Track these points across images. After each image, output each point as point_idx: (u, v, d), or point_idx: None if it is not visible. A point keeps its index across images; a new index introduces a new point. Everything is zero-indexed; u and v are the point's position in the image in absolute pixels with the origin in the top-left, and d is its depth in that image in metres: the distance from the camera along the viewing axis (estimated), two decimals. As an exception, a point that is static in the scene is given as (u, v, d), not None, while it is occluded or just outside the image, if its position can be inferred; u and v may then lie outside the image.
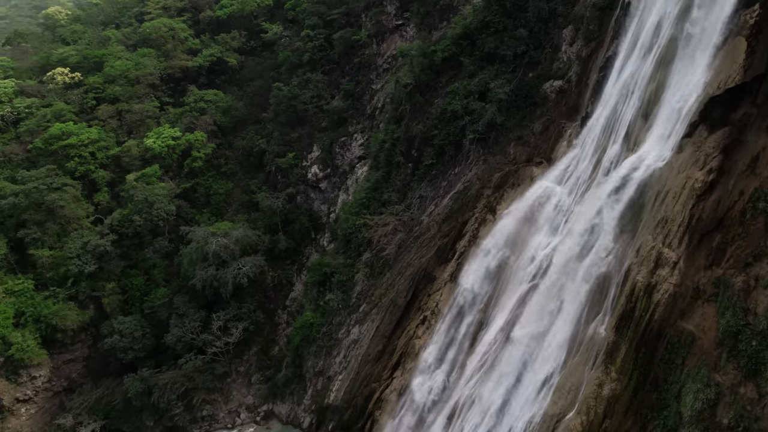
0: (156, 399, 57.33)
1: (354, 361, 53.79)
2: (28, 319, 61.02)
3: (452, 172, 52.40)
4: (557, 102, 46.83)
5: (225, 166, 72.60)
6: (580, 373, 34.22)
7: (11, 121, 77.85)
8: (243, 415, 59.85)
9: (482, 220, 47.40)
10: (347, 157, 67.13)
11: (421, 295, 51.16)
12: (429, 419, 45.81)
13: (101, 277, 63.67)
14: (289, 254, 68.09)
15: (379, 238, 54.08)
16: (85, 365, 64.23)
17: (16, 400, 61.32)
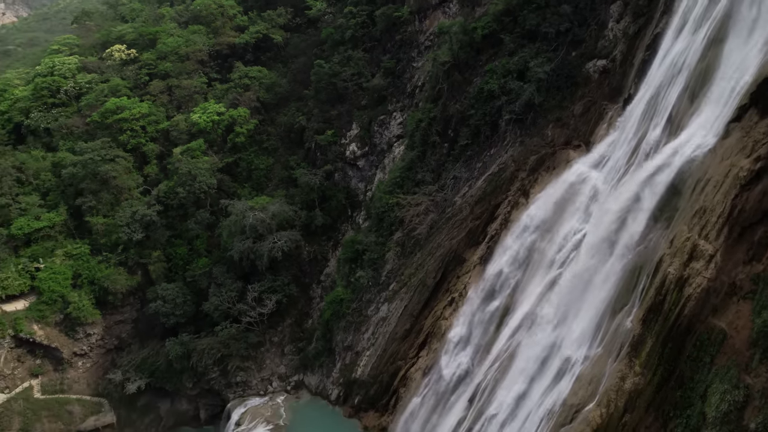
0: (194, 363, 60.41)
1: (382, 338, 54.51)
2: (83, 281, 65.47)
3: (488, 154, 51.28)
4: (600, 82, 44.63)
5: (267, 141, 73.97)
6: (603, 365, 33.31)
7: (74, 95, 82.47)
8: (275, 383, 62.13)
9: (515, 204, 46.35)
10: (385, 136, 66.83)
11: (450, 277, 50.97)
12: (451, 400, 46.03)
13: (148, 245, 67.16)
14: (325, 230, 69.06)
15: (411, 217, 53.94)
16: (134, 326, 68.43)
17: (74, 354, 66.37)
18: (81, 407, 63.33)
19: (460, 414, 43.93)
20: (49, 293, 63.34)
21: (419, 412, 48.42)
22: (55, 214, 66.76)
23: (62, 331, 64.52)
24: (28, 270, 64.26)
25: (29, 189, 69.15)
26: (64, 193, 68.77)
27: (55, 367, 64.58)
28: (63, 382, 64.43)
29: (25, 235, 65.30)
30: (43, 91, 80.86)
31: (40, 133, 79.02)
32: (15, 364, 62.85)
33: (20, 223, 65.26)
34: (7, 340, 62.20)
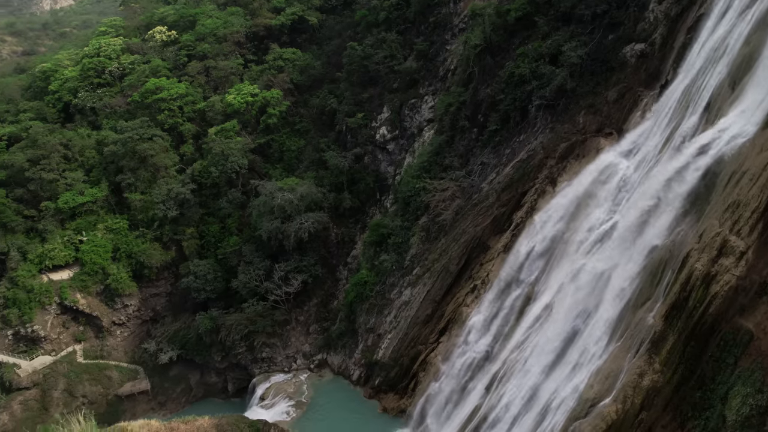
0: (223, 337, 62.46)
1: (403, 322, 54.78)
2: (122, 255, 68.48)
3: (517, 140, 50.13)
4: (636, 67, 42.66)
5: (299, 123, 74.66)
6: (621, 360, 32.39)
7: (117, 76, 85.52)
8: (299, 361, 63.57)
9: (542, 192, 45.26)
10: (416, 120, 66.28)
11: (473, 264, 50.54)
12: (469, 386, 45.95)
13: (182, 222, 69.39)
14: (354, 213, 69.56)
15: (437, 202, 53.58)
16: (168, 300, 71.24)
17: (113, 323, 69.87)
18: (119, 373, 66.79)
19: (476, 401, 43.88)
20: (91, 265, 66.64)
21: (437, 397, 48.61)
22: (97, 190, 69.80)
23: (102, 300, 67.93)
24: (72, 242, 67.72)
25: (75, 165, 72.43)
26: (105, 170, 71.75)
27: (96, 334, 68.22)
28: (103, 348, 68.03)
29: (70, 209, 68.62)
30: (89, 71, 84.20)
31: (86, 112, 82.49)
32: (60, 330, 66.78)
33: (66, 197, 68.57)
34: (53, 307, 66.08)
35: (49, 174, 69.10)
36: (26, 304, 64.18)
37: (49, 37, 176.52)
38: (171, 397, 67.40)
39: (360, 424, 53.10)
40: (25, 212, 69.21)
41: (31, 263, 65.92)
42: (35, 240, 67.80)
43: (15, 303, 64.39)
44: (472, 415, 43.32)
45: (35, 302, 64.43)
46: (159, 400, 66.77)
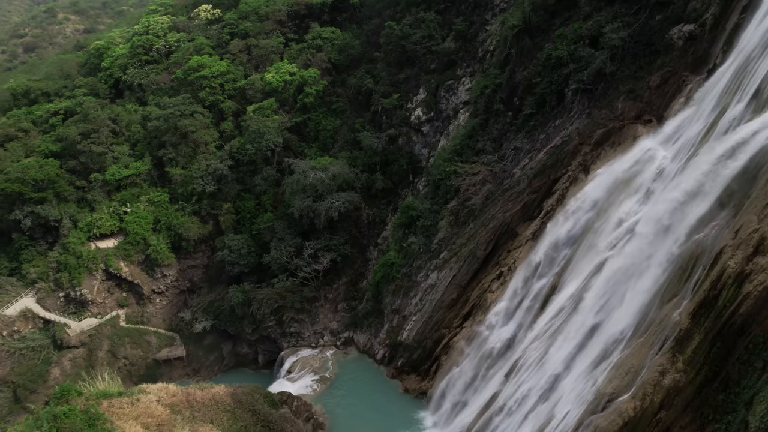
0: (254, 310, 64.40)
1: (428, 305, 54.79)
2: (162, 227, 71.47)
3: (552, 125, 48.49)
4: (683, 51, 40.15)
5: (336, 103, 74.84)
6: (643, 356, 31.38)
7: (164, 53, 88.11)
8: (326, 337, 64.88)
9: (574, 179, 43.80)
10: (452, 102, 65.11)
11: (500, 250, 49.78)
12: (489, 373, 45.72)
13: (220, 197, 71.50)
14: (386, 194, 69.57)
15: (468, 187, 52.80)
16: (204, 272, 74.00)
17: (153, 292, 73.43)
18: (157, 339, 70.35)
19: (495, 388, 43.64)
20: (134, 235, 69.94)
21: (458, 381, 48.64)
22: (141, 164, 72.76)
23: (143, 269, 71.35)
24: (117, 213, 71.18)
25: (122, 139, 75.64)
26: (149, 145, 74.54)
27: (137, 301, 71.92)
28: (143, 315, 71.71)
29: (116, 181, 71.97)
30: (138, 49, 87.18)
31: (134, 88, 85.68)
32: (105, 295, 70.78)
33: (112, 170, 71.90)
34: (99, 273, 70.01)
35: (98, 147, 72.47)
36: (76, 269, 68.29)
37: (108, 15, 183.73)
38: (204, 365, 70.50)
39: (381, 402, 53.87)
40: (76, 183, 73.13)
41: (81, 231, 69.84)
42: (85, 209, 71.69)
43: (66, 267, 68.63)
44: (490, 401, 43.17)
45: (83, 268, 68.43)
46: (193, 366, 70.01)
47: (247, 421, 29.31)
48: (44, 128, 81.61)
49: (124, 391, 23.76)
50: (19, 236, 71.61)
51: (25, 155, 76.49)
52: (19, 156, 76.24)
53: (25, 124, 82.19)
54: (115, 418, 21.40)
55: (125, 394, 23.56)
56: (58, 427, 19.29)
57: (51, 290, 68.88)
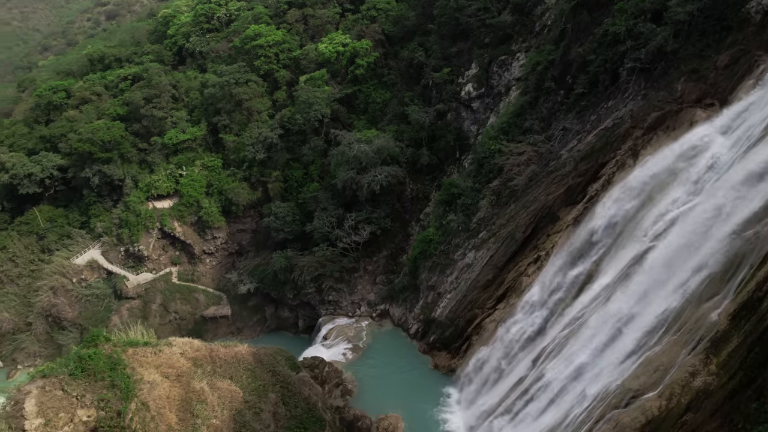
0: (296, 276, 66.48)
1: (463, 284, 54.39)
2: (214, 191, 74.65)
3: (604, 106, 45.86)
4: (761, 27, 36.44)
5: (387, 76, 74.25)
6: (674, 355, 29.93)
7: (225, 21, 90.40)
8: (363, 308, 66.07)
9: (622, 164, 41.45)
10: (504, 78, 62.82)
11: (540, 234, 48.33)
12: (518, 357, 45.12)
13: (269, 165, 73.53)
14: (431, 170, 68.88)
15: (511, 166, 51.34)
16: (252, 236, 76.93)
17: (203, 252, 77.37)
18: (205, 297, 74.38)
19: (522, 372, 43.12)
20: (188, 197, 73.55)
21: (486, 362, 48.39)
22: (197, 129, 75.81)
23: (195, 230, 75.12)
24: (174, 175, 74.96)
25: (180, 105, 78.96)
26: (205, 111, 77.39)
27: (189, 260, 76.06)
28: (194, 273, 75.84)
29: (173, 145, 75.54)
30: (201, 17, 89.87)
31: (196, 55, 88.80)
32: (160, 252, 75.35)
33: (171, 134, 75.44)
34: (155, 232, 74.48)
35: (159, 112, 76.11)
36: (135, 226, 72.98)
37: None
38: (248, 325, 73.95)
39: (410, 376, 54.57)
40: (139, 145, 77.45)
41: (141, 191, 74.28)
42: (145, 170, 76.02)
43: (127, 224, 73.48)
44: (516, 386, 42.80)
45: (141, 225, 73.02)
46: (237, 325, 73.64)
47: (266, 380, 30.67)
48: (114, 92, 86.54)
49: (149, 342, 25.46)
50: (89, 193, 77.20)
51: (97, 117, 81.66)
52: (92, 118, 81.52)
53: (99, 88, 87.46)
54: (137, 365, 23.04)
55: (151, 345, 25.25)
56: (83, 368, 21.07)
57: (113, 244, 74.15)
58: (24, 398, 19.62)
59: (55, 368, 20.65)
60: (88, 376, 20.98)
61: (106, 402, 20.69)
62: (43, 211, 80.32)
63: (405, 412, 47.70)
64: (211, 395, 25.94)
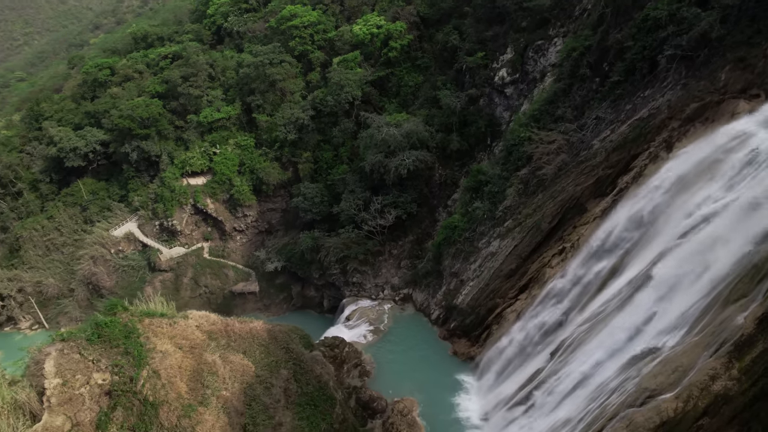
0: (322, 257, 67.36)
1: (486, 273, 53.88)
2: (246, 169, 76.03)
3: (641, 95, 43.94)
4: (815, 14, 34.03)
5: (420, 59, 73.29)
6: (695, 356, 28.90)
7: (262, 1, 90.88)
8: (386, 291, 66.42)
9: (654, 157, 39.84)
10: (540, 64, 60.97)
11: (566, 225, 47.24)
12: (536, 349, 44.59)
13: (300, 146, 74.19)
14: (461, 156, 68.00)
15: (541, 155, 50.10)
16: (282, 216, 78.21)
17: (234, 229, 79.24)
18: (234, 273, 76.38)
19: (540, 364, 42.62)
20: (221, 175, 75.22)
21: (505, 351, 48.04)
22: (231, 108, 77.07)
23: (227, 208, 76.92)
24: (208, 153, 76.69)
25: (216, 84, 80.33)
26: (240, 91, 78.49)
27: (220, 236, 78.08)
28: (224, 249, 77.90)
29: (208, 123, 77.14)
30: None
31: (233, 35, 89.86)
32: (193, 228, 77.63)
33: (206, 112, 77.00)
34: (188, 207, 76.70)
35: (195, 90, 77.71)
36: (169, 201, 75.34)
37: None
38: (275, 302, 75.67)
39: (429, 361, 54.75)
40: (176, 122, 79.47)
41: (176, 167, 76.44)
42: (181, 147, 78.08)
43: (162, 199, 75.93)
44: (532, 377, 42.34)
45: (176, 201, 75.29)
46: (264, 302, 75.44)
47: (279, 357, 31.40)
48: (155, 70, 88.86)
49: (166, 313, 26.41)
50: (128, 168, 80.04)
51: (138, 95, 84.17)
52: (133, 95, 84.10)
53: (141, 66, 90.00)
54: (151, 335, 23.98)
55: (167, 316, 26.20)
56: (99, 334, 22.10)
57: (149, 218, 76.86)
58: (44, 359, 20.78)
59: (73, 333, 21.76)
60: (104, 342, 22.02)
61: (119, 368, 21.68)
62: (86, 183, 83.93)
63: (421, 396, 48.05)
64: (222, 368, 26.80)
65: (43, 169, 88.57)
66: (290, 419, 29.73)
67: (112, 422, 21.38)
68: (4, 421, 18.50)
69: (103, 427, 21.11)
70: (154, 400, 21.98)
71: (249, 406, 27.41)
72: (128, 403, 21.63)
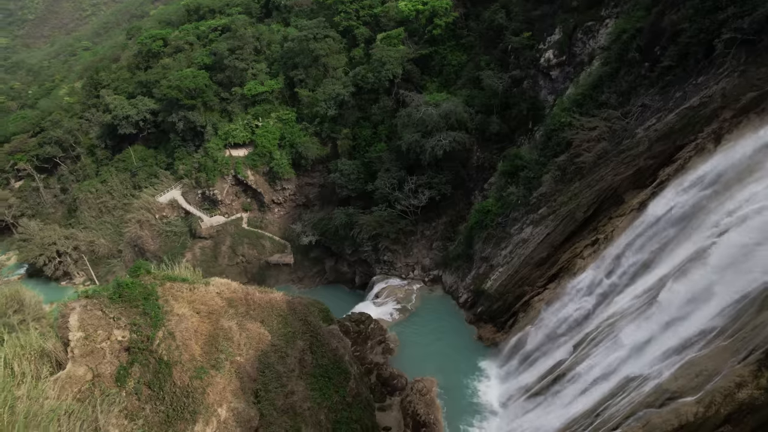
0: (355, 233, 68.01)
1: (517, 259, 52.95)
2: (286, 143, 77.16)
3: (693, 82, 41.25)
4: None
5: (465, 38, 71.46)
6: (722, 361, 27.61)
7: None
8: (416, 271, 66.52)
9: (701, 149, 37.55)
10: (589, 46, 58.11)
11: (601, 216, 45.62)
12: (560, 340, 43.74)
13: (340, 122, 74.44)
14: (501, 139, 66.34)
15: (581, 142, 48.21)
16: (319, 191, 79.20)
17: (272, 201, 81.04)
18: (271, 244, 78.39)
19: (562, 356, 41.87)
20: (261, 147, 76.73)
21: (529, 340, 47.44)
22: (275, 82, 78.04)
23: (267, 180, 78.59)
24: (250, 125, 78.28)
25: (261, 58, 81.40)
26: (284, 65, 79.25)
27: (258, 207, 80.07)
28: (262, 221, 79.93)
29: (252, 96, 78.53)
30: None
31: (281, 8, 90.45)
32: (233, 198, 79.94)
33: (250, 85, 78.35)
34: (229, 178, 78.91)
35: (241, 63, 79.09)
36: (212, 171, 77.73)
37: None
38: (308, 275, 77.32)
39: (453, 344, 54.75)
40: (221, 94, 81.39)
41: (219, 138, 78.55)
42: (225, 119, 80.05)
43: (204, 169, 78.43)
44: (554, 368, 41.69)
45: (218, 171, 77.61)
46: (298, 274, 77.22)
47: (296, 328, 32.21)
48: (204, 42, 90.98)
49: (188, 279, 27.53)
50: (175, 137, 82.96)
51: (187, 66, 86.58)
52: (182, 66, 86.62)
53: (191, 37, 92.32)
54: (170, 298, 25.11)
55: (188, 281, 27.31)
56: (120, 294, 23.36)
57: (192, 186, 79.68)
58: (69, 313, 22.20)
59: (97, 291, 23.08)
60: (125, 301, 23.25)
61: (137, 327, 22.88)
62: (136, 150, 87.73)
63: (442, 377, 48.33)
64: (238, 334, 27.79)
65: (99, 135, 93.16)
66: (303, 389, 30.62)
67: (130, 376, 22.70)
68: (29, 365, 19.96)
69: (122, 380, 22.44)
70: (168, 360, 23.13)
71: (262, 373, 28.40)
72: (144, 361, 22.86)
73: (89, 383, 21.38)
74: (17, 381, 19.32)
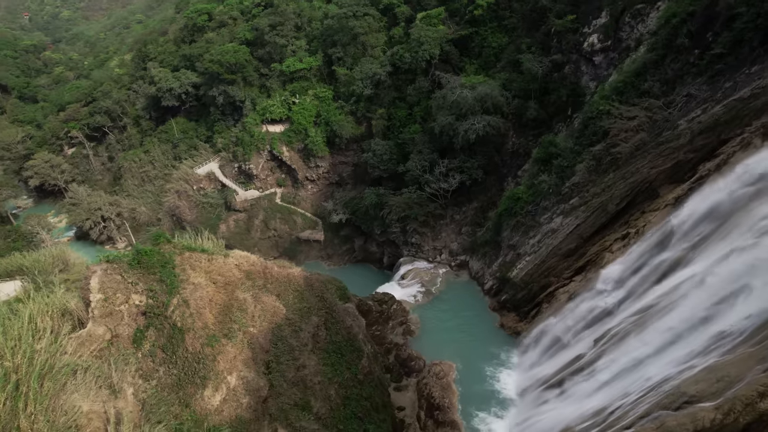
0: (384, 214, 68.11)
1: (544, 249, 51.90)
2: (321, 121, 77.53)
3: (745, 72, 38.73)
4: None
5: (508, 19, 69.24)
6: (746, 367, 26.43)
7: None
8: (444, 255, 66.16)
9: (746, 144, 35.41)
10: (636, 31, 55.25)
11: (634, 209, 44.02)
12: (582, 334, 42.83)
13: (375, 102, 74.04)
14: (538, 125, 64.46)
15: (618, 131, 46.35)
16: (353, 170, 79.49)
17: (306, 178, 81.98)
18: (302, 220, 79.58)
19: (582, 350, 41.03)
20: (297, 124, 77.41)
21: (551, 331, 46.68)
22: (313, 59, 78.18)
23: (301, 157, 79.45)
24: (287, 102, 78.96)
25: (301, 35, 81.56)
26: (323, 42, 79.16)
27: (292, 183, 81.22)
28: (295, 197, 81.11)
29: (290, 73, 79.03)
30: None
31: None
32: (268, 173, 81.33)
33: (289, 62, 78.80)
34: (265, 153, 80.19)
35: (281, 39, 79.52)
36: (248, 145, 79.16)
37: None
38: (337, 253, 78.23)
39: (474, 330, 54.53)
40: (261, 70, 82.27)
41: (257, 113, 79.69)
42: (263, 95, 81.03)
43: (242, 143, 79.96)
44: (573, 361, 40.93)
45: (254, 146, 78.95)
46: (327, 251, 78.24)
47: (312, 304, 32.78)
48: (248, 17, 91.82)
49: (207, 249, 28.35)
50: (215, 110, 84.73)
51: (230, 40, 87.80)
52: (225, 41, 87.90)
53: (235, 12, 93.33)
54: (187, 267, 25.96)
55: (207, 252, 28.14)
56: (139, 261, 24.35)
57: (229, 160, 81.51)
58: (91, 276, 23.30)
59: (118, 256, 24.11)
60: (143, 268, 24.20)
61: (153, 293, 23.82)
62: (178, 122, 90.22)
63: (461, 362, 48.34)
64: (253, 306, 28.54)
65: (145, 107, 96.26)
66: (314, 363, 31.28)
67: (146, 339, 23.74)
68: (51, 322, 21.16)
69: (138, 342, 23.51)
70: (182, 326, 24.04)
71: (275, 345, 29.15)
72: (160, 325, 23.84)
73: (107, 342, 22.50)
74: (39, 336, 20.51)
